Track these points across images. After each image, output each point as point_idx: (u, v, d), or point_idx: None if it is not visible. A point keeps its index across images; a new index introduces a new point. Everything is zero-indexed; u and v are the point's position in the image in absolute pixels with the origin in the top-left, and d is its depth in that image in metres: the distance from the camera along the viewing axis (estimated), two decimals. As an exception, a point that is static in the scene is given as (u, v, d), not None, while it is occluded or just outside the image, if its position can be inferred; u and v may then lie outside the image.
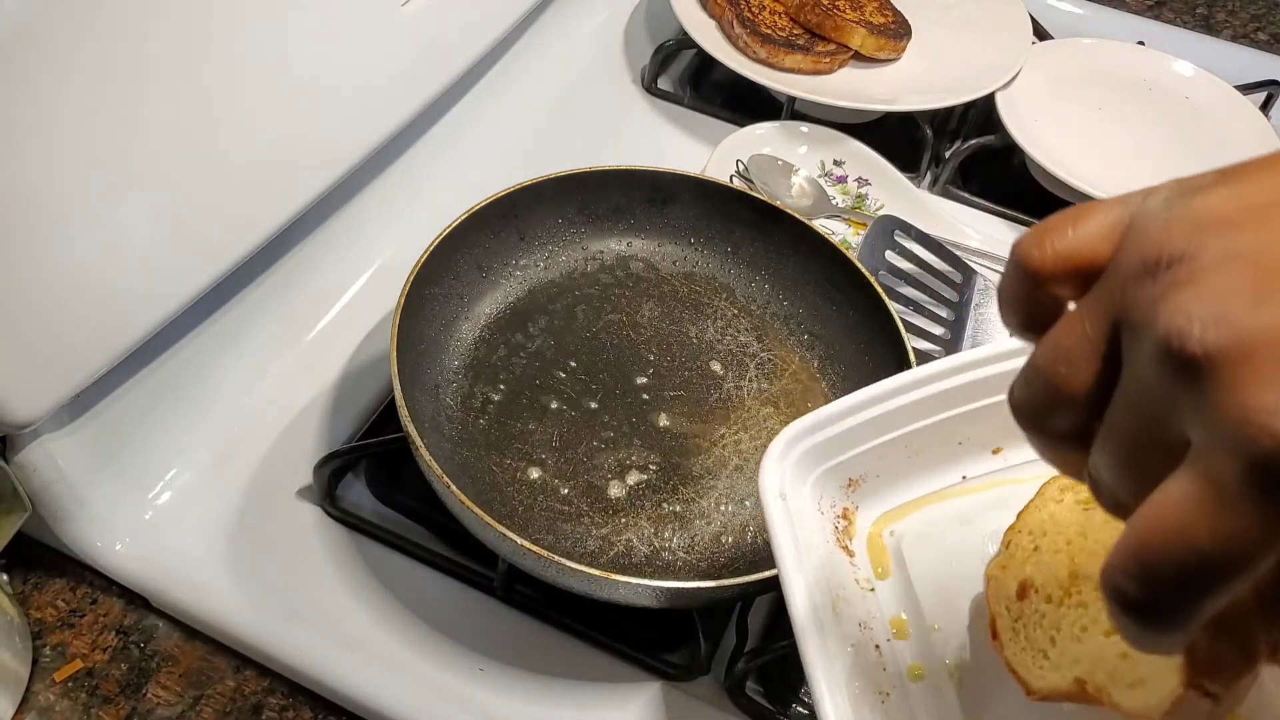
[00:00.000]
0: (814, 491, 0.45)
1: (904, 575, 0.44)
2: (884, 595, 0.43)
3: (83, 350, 0.49)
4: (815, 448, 0.45)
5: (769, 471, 0.44)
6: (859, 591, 0.43)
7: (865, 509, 0.46)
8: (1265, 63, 0.94)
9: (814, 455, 0.45)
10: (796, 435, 0.45)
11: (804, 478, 0.45)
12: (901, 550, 0.44)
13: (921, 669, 0.41)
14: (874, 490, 0.46)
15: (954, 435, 0.46)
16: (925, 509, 0.46)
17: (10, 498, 0.51)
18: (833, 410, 0.45)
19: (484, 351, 0.61)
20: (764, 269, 0.65)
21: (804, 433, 0.45)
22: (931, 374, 0.45)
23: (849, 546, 0.45)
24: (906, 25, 0.85)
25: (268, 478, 0.60)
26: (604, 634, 0.55)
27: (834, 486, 0.46)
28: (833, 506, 0.46)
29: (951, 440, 0.46)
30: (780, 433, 0.45)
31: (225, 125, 0.51)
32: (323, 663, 0.53)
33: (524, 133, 0.81)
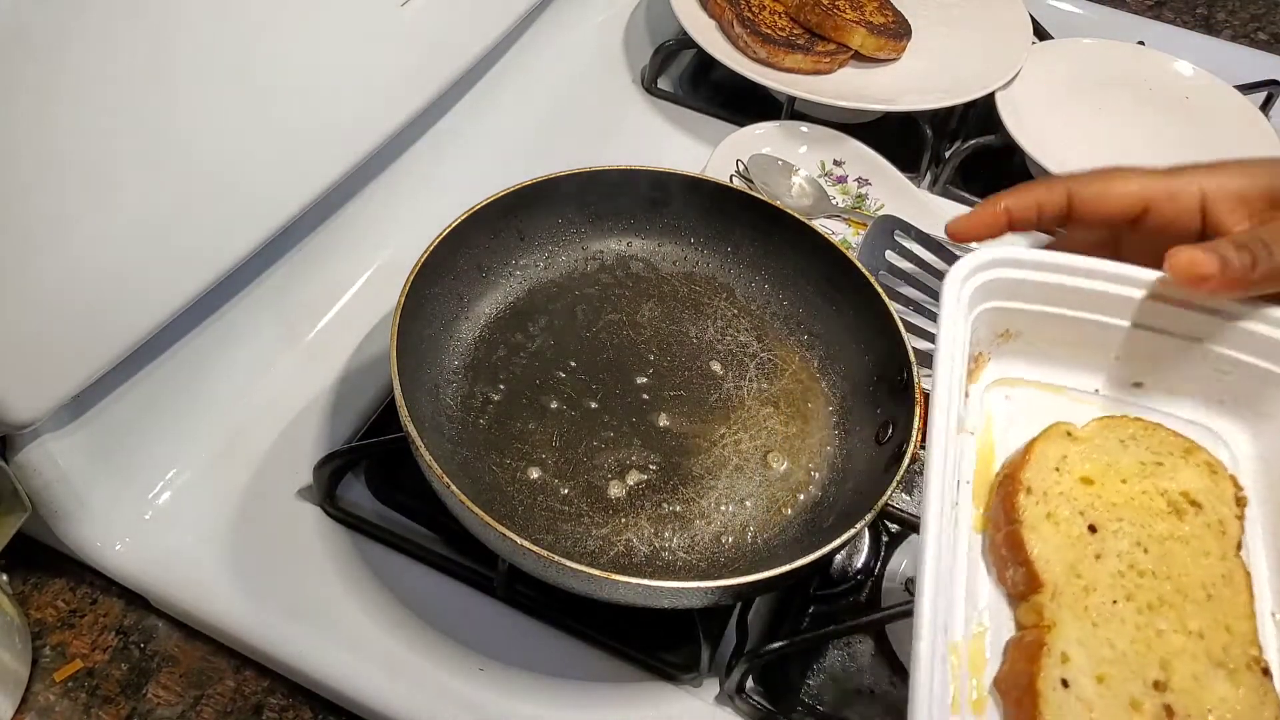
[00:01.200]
0: (970, 322, 0.45)
1: (988, 438, 0.45)
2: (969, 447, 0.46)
3: (83, 350, 0.49)
4: (997, 282, 0.45)
5: (954, 280, 0.45)
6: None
7: (997, 363, 0.47)
8: (1265, 63, 0.94)
9: (993, 289, 0.46)
10: (988, 263, 0.45)
11: (974, 304, 0.45)
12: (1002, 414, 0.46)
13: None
14: (1016, 352, 0.47)
15: (1117, 348, 0.46)
16: (1047, 394, 0.47)
17: (10, 498, 0.51)
18: (1032, 257, 0.45)
19: (484, 351, 0.61)
20: (764, 269, 0.65)
21: (996, 264, 0.45)
22: (1136, 278, 0.45)
23: (967, 390, 0.46)
24: (906, 25, 0.85)
25: (268, 478, 0.60)
26: (604, 634, 0.55)
27: (988, 328, 0.46)
28: (975, 344, 0.46)
29: (1110, 351, 0.47)
30: (975, 253, 0.45)
31: (225, 125, 0.51)
32: (323, 663, 0.53)
33: (524, 133, 0.81)
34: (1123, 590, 0.41)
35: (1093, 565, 0.41)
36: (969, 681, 0.41)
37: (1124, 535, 0.42)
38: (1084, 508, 0.43)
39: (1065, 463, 0.43)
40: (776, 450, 0.59)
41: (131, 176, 0.47)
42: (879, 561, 0.60)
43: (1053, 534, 0.42)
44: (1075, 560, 0.41)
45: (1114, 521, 0.42)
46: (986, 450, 0.46)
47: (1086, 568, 0.41)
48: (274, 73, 0.53)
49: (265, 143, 0.54)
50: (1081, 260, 0.46)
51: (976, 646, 0.41)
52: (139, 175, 0.48)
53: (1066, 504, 0.42)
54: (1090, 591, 0.40)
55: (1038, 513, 0.42)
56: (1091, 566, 0.41)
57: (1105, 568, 0.41)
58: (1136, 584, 0.41)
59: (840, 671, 0.56)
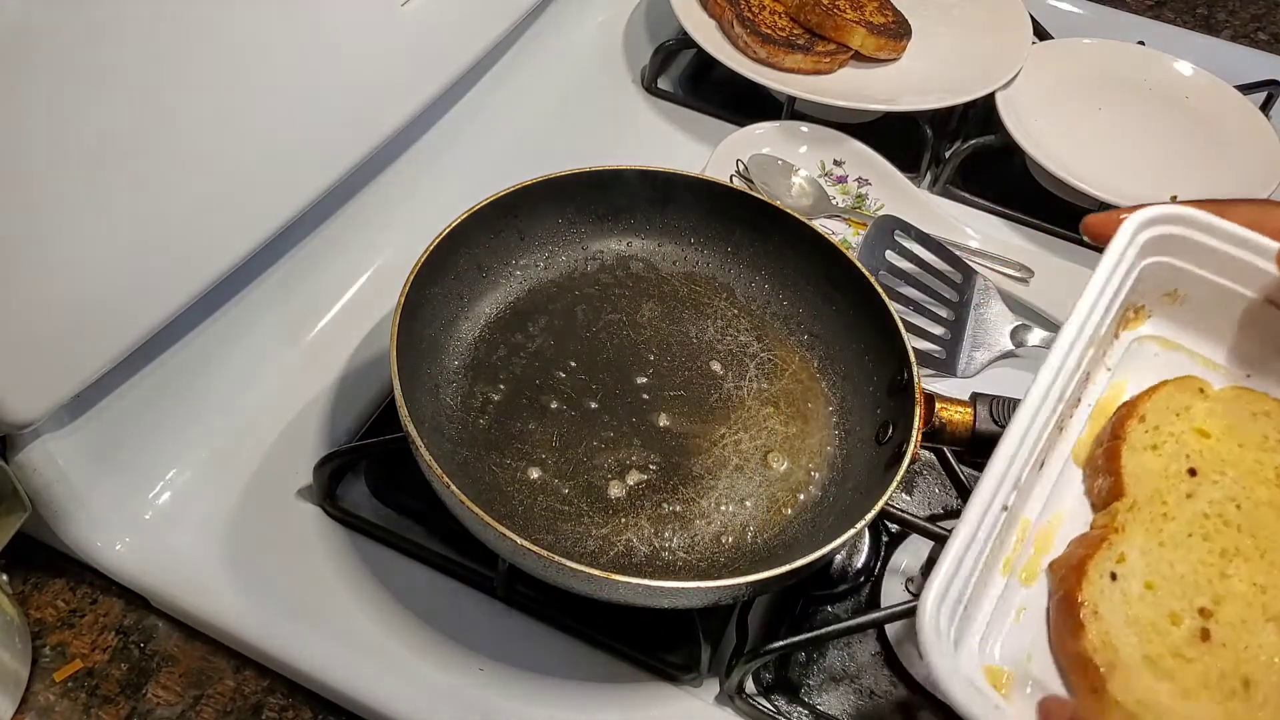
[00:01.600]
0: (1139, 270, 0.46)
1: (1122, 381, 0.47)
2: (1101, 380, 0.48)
3: (82, 350, 0.49)
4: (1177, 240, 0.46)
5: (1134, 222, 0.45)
6: None
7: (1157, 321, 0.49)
8: (1265, 63, 0.94)
9: (1171, 245, 0.46)
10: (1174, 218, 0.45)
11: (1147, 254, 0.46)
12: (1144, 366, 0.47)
13: None
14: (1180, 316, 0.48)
15: None
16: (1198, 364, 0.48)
17: (10, 498, 0.51)
18: (1223, 226, 0.45)
19: (484, 351, 0.61)
20: (764, 269, 0.65)
21: (1181, 221, 0.45)
22: None
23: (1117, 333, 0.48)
24: (906, 25, 0.85)
25: (268, 478, 0.60)
26: (604, 634, 0.55)
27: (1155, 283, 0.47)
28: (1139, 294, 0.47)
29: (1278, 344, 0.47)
30: (1164, 205, 0.45)
31: (224, 125, 0.51)
32: (323, 663, 0.53)
33: (524, 133, 0.81)
34: (1201, 529, 0.41)
35: (1180, 500, 0.42)
36: (1029, 552, 0.42)
37: (1222, 487, 0.43)
38: (1191, 452, 0.43)
39: (1188, 412, 0.44)
40: (776, 450, 0.59)
41: (131, 176, 0.47)
42: (879, 561, 0.60)
43: (1151, 460, 0.43)
44: (1164, 489, 0.42)
45: (1217, 473, 0.43)
46: (1116, 392, 0.46)
47: (1174, 500, 0.42)
48: (274, 72, 0.53)
49: (265, 142, 0.54)
50: (1272, 244, 0.45)
51: (1046, 530, 0.43)
52: (139, 175, 0.48)
53: (1175, 443, 0.43)
54: (1169, 519, 0.41)
55: (1144, 439, 0.43)
56: (1179, 501, 0.42)
57: (1192, 506, 0.42)
58: (1219, 529, 0.41)
59: (840, 671, 0.56)
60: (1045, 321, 0.71)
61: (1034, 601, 0.42)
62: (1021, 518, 0.43)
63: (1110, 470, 0.43)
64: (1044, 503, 0.44)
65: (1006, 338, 0.68)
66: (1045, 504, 0.44)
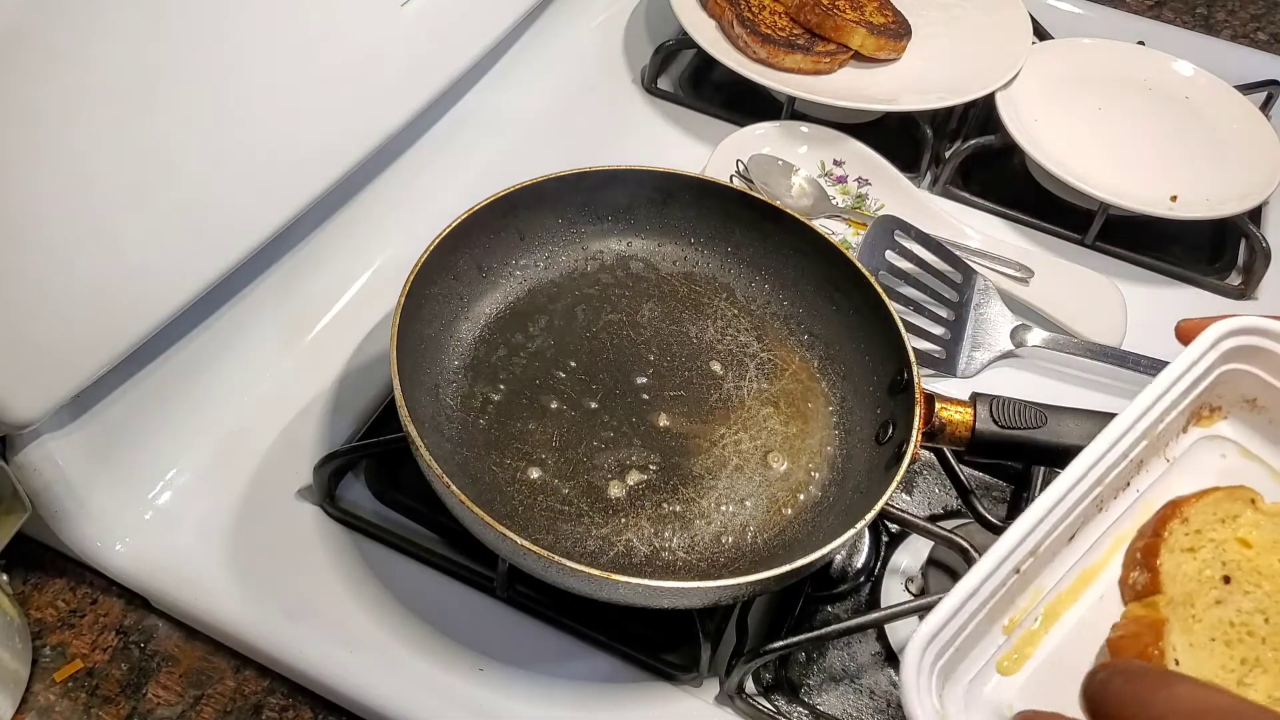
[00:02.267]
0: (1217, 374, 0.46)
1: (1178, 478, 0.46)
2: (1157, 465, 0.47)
3: (83, 350, 0.49)
4: (1260, 352, 0.45)
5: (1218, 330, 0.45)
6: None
7: (1232, 424, 0.47)
8: (1265, 63, 0.94)
9: (1254, 356, 0.46)
10: (1261, 330, 0.45)
11: (1228, 360, 0.46)
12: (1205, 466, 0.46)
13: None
14: (1257, 425, 0.47)
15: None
16: (1264, 475, 0.46)
17: (10, 498, 0.51)
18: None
19: (484, 351, 0.61)
20: (764, 269, 0.65)
21: (1268, 335, 0.45)
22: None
23: (1186, 427, 0.47)
24: (906, 25, 0.85)
25: (268, 478, 0.60)
26: (604, 634, 0.55)
27: (1235, 389, 0.47)
28: (1217, 396, 0.47)
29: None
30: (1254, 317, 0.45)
31: (224, 125, 0.51)
32: (323, 663, 0.53)
33: (524, 133, 0.81)
34: (1225, 636, 0.41)
35: (1209, 606, 0.42)
36: (1031, 620, 0.42)
37: (1254, 599, 0.42)
38: (1228, 560, 0.43)
39: (1235, 520, 0.44)
40: (776, 450, 0.59)
41: (131, 177, 0.47)
42: (879, 561, 0.60)
43: (1186, 562, 0.42)
44: (1195, 593, 0.42)
45: (1252, 585, 0.43)
46: (1168, 485, 0.46)
47: (1201, 604, 0.42)
48: (274, 72, 0.53)
49: (265, 142, 0.54)
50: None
51: (1057, 606, 0.43)
52: (139, 175, 0.48)
53: (1213, 549, 0.43)
54: (1196, 620, 0.41)
55: (1182, 540, 0.43)
56: (1207, 606, 0.42)
57: (1219, 613, 0.42)
58: (1242, 638, 0.41)
59: (840, 671, 0.56)
60: (1045, 321, 0.71)
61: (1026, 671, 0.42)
62: (1035, 584, 0.43)
63: (1148, 566, 0.42)
64: (1062, 576, 0.43)
65: (1006, 338, 0.69)
66: (1064, 577, 0.43)
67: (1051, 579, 0.43)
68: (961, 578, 0.39)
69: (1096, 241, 0.78)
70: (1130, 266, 0.77)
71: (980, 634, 0.42)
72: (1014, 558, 0.40)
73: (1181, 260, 0.78)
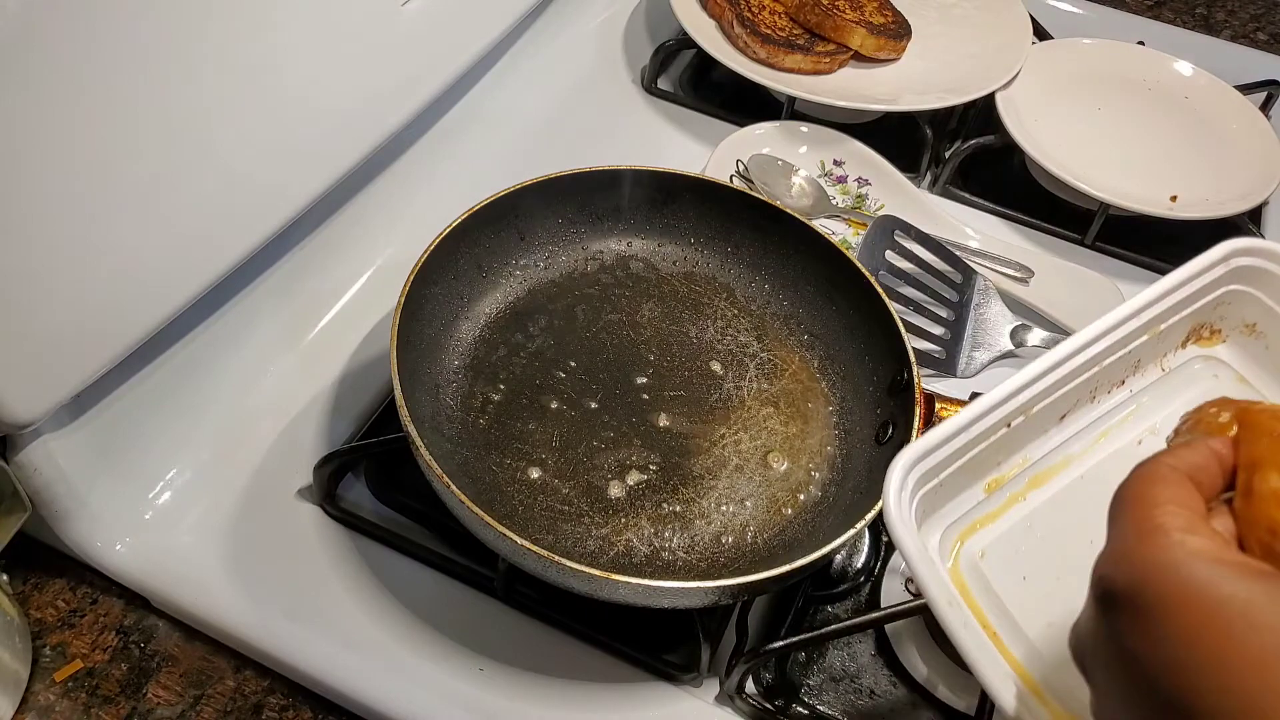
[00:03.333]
0: (1219, 293, 0.46)
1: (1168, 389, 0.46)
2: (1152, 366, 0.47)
3: (83, 350, 0.49)
4: (1264, 274, 0.45)
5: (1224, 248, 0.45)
6: None
7: (1230, 347, 0.47)
8: (1265, 63, 0.94)
9: (1256, 277, 0.46)
10: (1268, 253, 0.45)
11: (1230, 281, 0.46)
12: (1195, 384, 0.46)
13: None
14: (1255, 350, 0.47)
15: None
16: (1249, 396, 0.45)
17: (10, 498, 0.51)
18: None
19: (484, 351, 0.61)
20: (764, 269, 0.65)
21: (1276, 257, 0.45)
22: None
23: (1185, 342, 0.47)
24: (906, 25, 0.85)
25: (268, 478, 0.60)
26: (604, 634, 0.55)
27: (1237, 311, 0.47)
28: (1218, 318, 0.47)
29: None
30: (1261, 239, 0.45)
31: (225, 125, 0.51)
32: (323, 663, 0.53)
33: (524, 133, 0.81)
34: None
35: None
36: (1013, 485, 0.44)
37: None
38: None
39: None
40: (776, 450, 0.59)
41: (131, 177, 0.47)
42: (879, 561, 0.60)
43: None
44: None
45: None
46: (1160, 394, 0.46)
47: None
48: (274, 72, 0.53)
49: (265, 143, 0.54)
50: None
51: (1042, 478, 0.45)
52: (139, 176, 0.48)
53: None
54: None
55: None
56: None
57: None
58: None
59: (840, 671, 0.56)
60: (1045, 321, 0.71)
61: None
62: (1021, 454, 0.44)
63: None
64: (1048, 454, 0.45)
65: (1006, 338, 0.69)
66: (1049, 455, 0.45)
67: (1037, 453, 0.44)
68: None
69: (1096, 242, 0.78)
70: (1130, 266, 0.77)
71: (962, 484, 0.43)
72: (1006, 408, 0.41)
73: (1181, 260, 0.78)
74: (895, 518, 0.39)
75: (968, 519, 0.44)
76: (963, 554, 0.44)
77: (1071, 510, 0.45)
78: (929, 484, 0.41)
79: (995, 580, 0.43)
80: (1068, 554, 0.43)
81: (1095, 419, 0.46)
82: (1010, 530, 0.44)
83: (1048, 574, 0.43)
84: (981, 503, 0.45)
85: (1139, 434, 0.46)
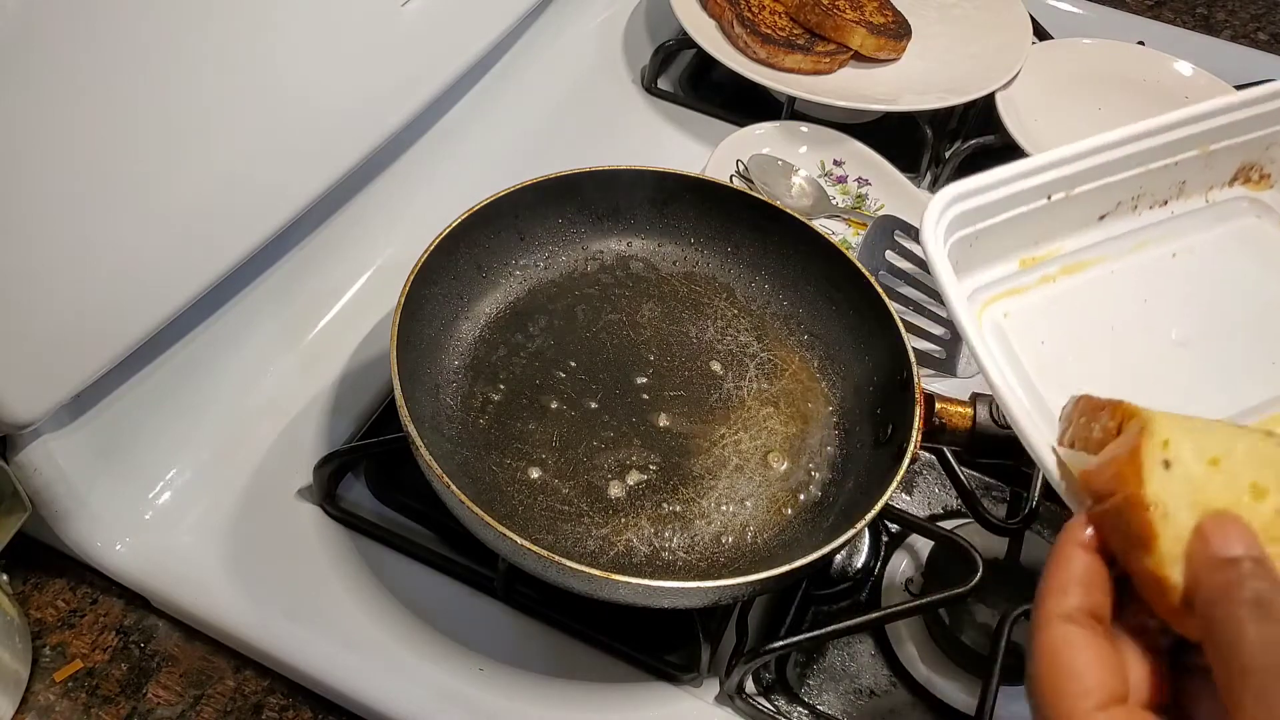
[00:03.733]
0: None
1: None
2: None
3: (83, 350, 0.49)
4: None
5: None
6: None
7: None
8: (1265, 63, 0.94)
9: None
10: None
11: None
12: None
13: None
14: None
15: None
16: None
17: (10, 498, 0.51)
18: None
19: (484, 351, 0.61)
20: (764, 269, 0.65)
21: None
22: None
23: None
24: (906, 25, 0.85)
25: (268, 478, 0.60)
26: (604, 634, 0.55)
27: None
28: None
29: None
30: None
31: (224, 125, 0.51)
32: (323, 663, 0.53)
33: (524, 133, 0.81)
34: None
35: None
36: (1047, 267, 0.45)
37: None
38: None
39: None
40: (776, 450, 0.59)
41: (131, 177, 0.47)
42: (879, 561, 0.60)
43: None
44: None
45: None
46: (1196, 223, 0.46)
47: None
48: (274, 73, 0.53)
49: (265, 143, 0.54)
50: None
51: (1076, 268, 0.46)
52: (139, 176, 0.48)
53: None
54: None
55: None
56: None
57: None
58: None
59: (840, 671, 0.56)
60: (1045, 321, 0.71)
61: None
62: (1057, 241, 0.44)
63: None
64: (1083, 249, 0.45)
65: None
66: (1084, 250, 0.45)
67: (1072, 245, 0.45)
68: None
69: (1096, 241, 0.78)
70: (1130, 266, 0.77)
71: (996, 251, 0.44)
72: (1048, 175, 0.41)
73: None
74: (931, 240, 0.40)
75: (998, 287, 0.45)
76: (987, 313, 0.45)
77: (1097, 300, 0.45)
78: (964, 230, 0.41)
79: (1014, 340, 0.43)
80: (1086, 335, 0.44)
81: (1134, 229, 0.46)
82: (1036, 305, 0.45)
83: (1064, 345, 0.44)
84: (1014, 275, 0.45)
85: (1175, 249, 0.46)
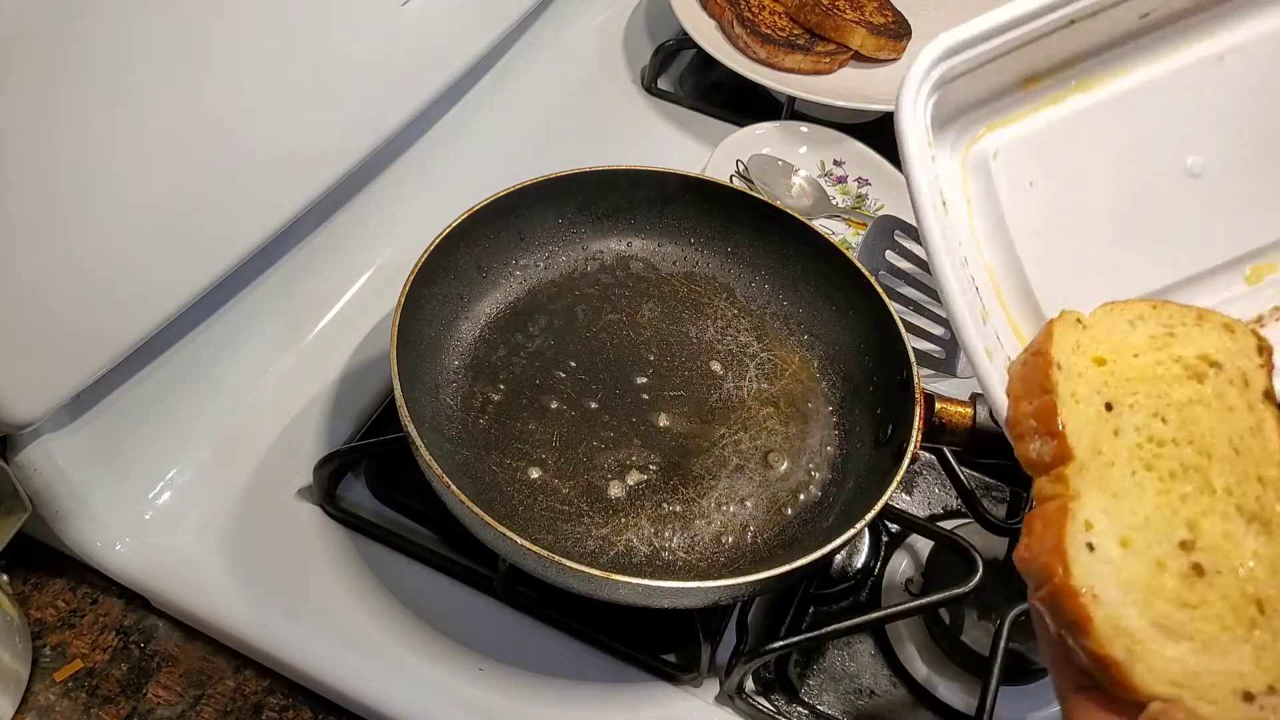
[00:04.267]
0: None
1: None
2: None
3: (83, 350, 0.49)
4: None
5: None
6: None
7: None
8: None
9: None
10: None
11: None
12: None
13: None
14: None
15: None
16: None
17: (10, 498, 0.51)
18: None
19: (484, 351, 0.61)
20: (764, 269, 0.65)
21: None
22: None
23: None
24: (906, 25, 0.85)
25: (268, 478, 0.60)
26: (604, 634, 0.55)
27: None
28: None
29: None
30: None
31: (225, 125, 0.51)
32: (323, 663, 0.53)
33: (524, 133, 0.81)
34: (1141, 461, 0.40)
35: (1112, 441, 0.40)
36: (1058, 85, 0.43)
37: (1140, 408, 0.41)
38: (1099, 387, 0.41)
39: (1079, 348, 0.42)
40: (776, 450, 0.59)
41: (131, 177, 0.47)
42: (879, 561, 0.60)
43: (1076, 410, 0.41)
44: (1096, 437, 0.40)
45: (1129, 396, 0.41)
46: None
47: (1106, 445, 0.40)
48: (275, 72, 0.53)
49: (265, 142, 0.54)
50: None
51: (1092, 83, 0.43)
52: (139, 176, 0.48)
53: (1084, 383, 0.42)
54: (1110, 466, 0.40)
55: (1066, 389, 0.41)
56: (1111, 443, 0.40)
57: (1123, 442, 0.40)
58: (1155, 454, 0.40)
59: (840, 671, 0.56)
60: (1045, 321, 0.71)
61: None
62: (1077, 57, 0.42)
63: (1049, 432, 0.40)
64: (1113, 53, 0.43)
65: (1006, 338, 0.68)
66: (1114, 54, 0.43)
67: (1096, 53, 0.42)
68: None
69: (1096, 241, 0.77)
70: (1130, 266, 0.77)
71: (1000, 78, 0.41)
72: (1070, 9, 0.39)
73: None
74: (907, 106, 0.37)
75: (994, 113, 0.42)
76: (975, 148, 0.42)
77: (1105, 122, 0.42)
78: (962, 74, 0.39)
79: (1000, 182, 0.41)
80: (1084, 169, 0.42)
81: (1182, 26, 0.43)
82: (1033, 134, 0.42)
83: (1056, 183, 0.41)
84: (1015, 99, 0.42)
85: (1225, 49, 0.43)
